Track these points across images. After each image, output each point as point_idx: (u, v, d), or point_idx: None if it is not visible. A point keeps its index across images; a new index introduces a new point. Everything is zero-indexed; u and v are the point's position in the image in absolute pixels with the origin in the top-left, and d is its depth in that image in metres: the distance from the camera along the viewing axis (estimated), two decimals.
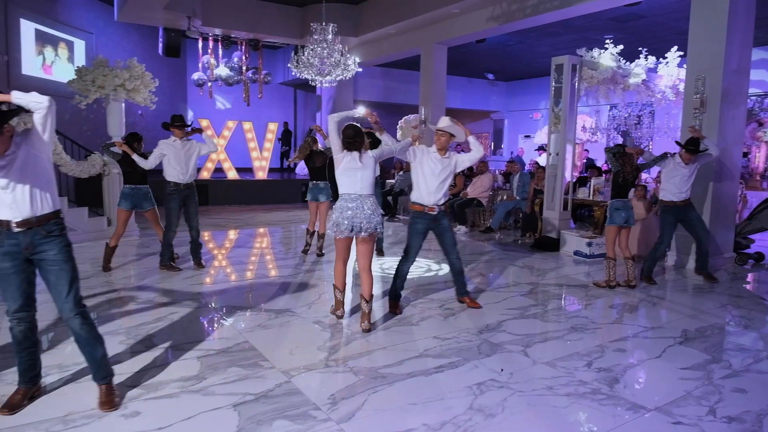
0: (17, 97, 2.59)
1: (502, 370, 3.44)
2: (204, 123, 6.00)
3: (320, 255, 6.93)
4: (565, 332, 4.23)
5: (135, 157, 5.62)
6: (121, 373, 3.26)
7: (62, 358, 3.49)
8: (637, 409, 2.95)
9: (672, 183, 5.77)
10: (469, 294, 4.87)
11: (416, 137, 4.57)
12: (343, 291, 4.37)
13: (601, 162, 13.66)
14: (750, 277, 6.29)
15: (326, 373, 3.36)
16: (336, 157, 4.13)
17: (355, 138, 4.09)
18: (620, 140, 14.28)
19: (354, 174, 4.07)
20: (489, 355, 3.69)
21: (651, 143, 11.73)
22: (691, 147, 5.65)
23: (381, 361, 3.56)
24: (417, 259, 6.89)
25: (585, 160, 12.68)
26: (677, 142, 5.97)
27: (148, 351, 3.67)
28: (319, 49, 9.74)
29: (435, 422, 2.76)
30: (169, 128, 5.76)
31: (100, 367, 2.90)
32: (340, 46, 9.93)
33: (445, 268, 6.36)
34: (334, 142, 4.11)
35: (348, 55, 10.09)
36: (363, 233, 4.03)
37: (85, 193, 8.94)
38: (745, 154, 11.52)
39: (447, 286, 5.46)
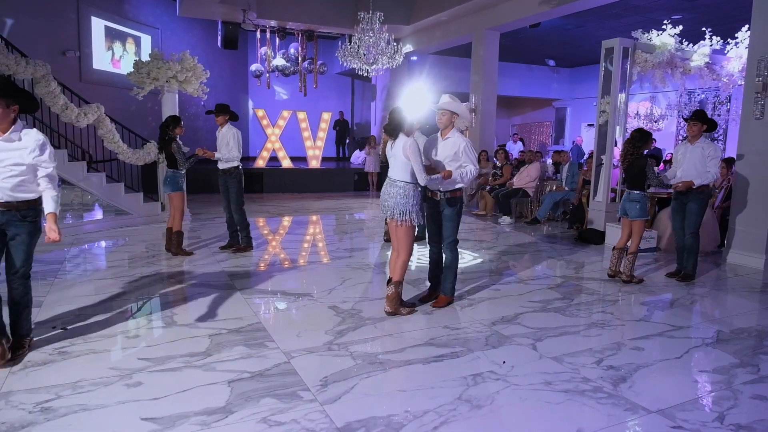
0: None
1: (504, 362, 3.36)
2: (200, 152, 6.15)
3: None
4: (583, 327, 4.06)
5: (216, 154, 6.11)
6: (134, 346, 3.50)
7: (88, 330, 3.76)
8: (637, 410, 2.79)
9: (681, 168, 5.45)
10: (445, 293, 4.44)
11: (447, 174, 4.15)
12: (391, 284, 4.11)
13: (668, 151, 12.85)
14: None
15: (325, 356, 3.42)
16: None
17: (390, 124, 4.08)
18: None
19: (391, 160, 4.14)
20: (495, 347, 3.61)
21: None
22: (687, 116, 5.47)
23: (383, 348, 3.58)
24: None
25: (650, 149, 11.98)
26: (683, 117, 5.81)
27: (166, 327, 3.88)
28: (366, 37, 9.77)
29: (417, 410, 2.75)
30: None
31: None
32: (387, 34, 9.91)
33: (467, 258, 6.29)
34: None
35: (394, 44, 10.05)
36: (389, 217, 4.11)
37: (151, 180, 9.51)
38: None
39: (471, 277, 5.38)
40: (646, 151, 5.31)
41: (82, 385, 2.94)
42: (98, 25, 11.18)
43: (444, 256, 4.42)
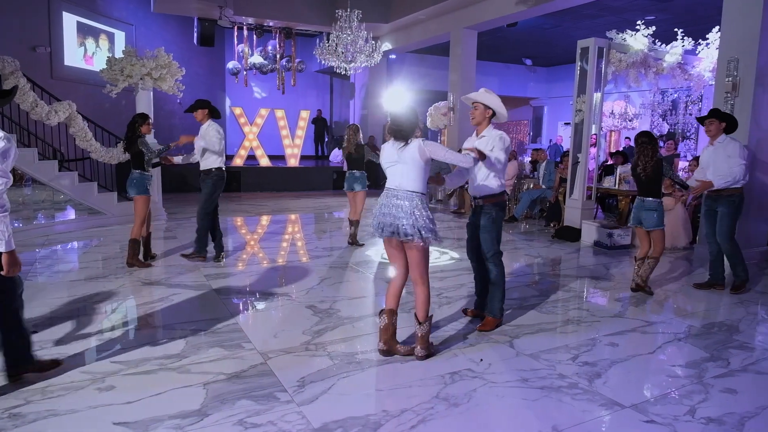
0: None
1: (481, 360, 3.38)
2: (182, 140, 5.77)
3: (353, 244, 6.70)
4: (560, 324, 4.11)
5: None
6: (107, 349, 3.42)
7: (60, 333, 3.67)
8: (611, 406, 2.83)
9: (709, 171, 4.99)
10: (491, 314, 3.98)
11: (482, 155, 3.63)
12: (388, 316, 3.37)
13: None
14: None
15: (303, 356, 3.40)
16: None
17: (402, 126, 3.32)
18: (665, 127, 13.63)
19: (397, 166, 3.33)
20: (473, 345, 3.63)
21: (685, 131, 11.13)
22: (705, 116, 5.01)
23: (361, 347, 3.57)
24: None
25: (624, 148, 12.19)
26: (698, 119, 5.28)
27: (141, 329, 3.82)
28: (344, 35, 9.74)
29: (395, 409, 2.75)
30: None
31: None
32: (365, 32, 9.89)
33: (445, 256, 6.30)
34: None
35: (372, 42, 10.03)
36: (396, 237, 3.28)
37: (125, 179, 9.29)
38: None
39: (449, 275, 5.39)
40: (626, 147, 5.25)
41: (52, 390, 2.87)
42: (70, 21, 10.92)
43: (489, 270, 3.93)
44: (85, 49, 11.47)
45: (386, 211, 3.27)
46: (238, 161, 12.79)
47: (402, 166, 3.28)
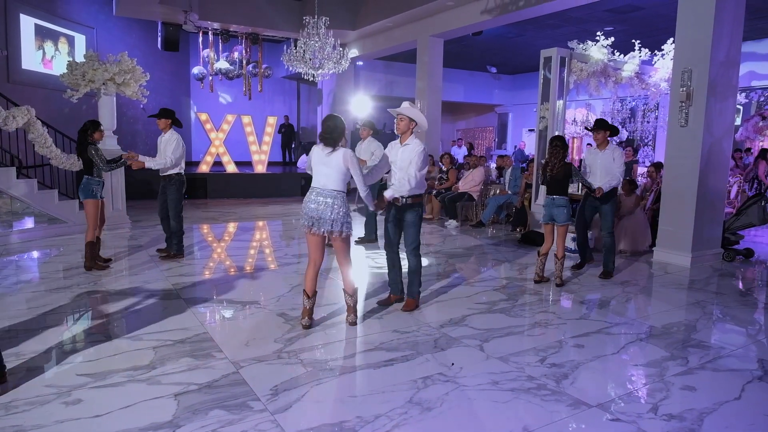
0: None
1: (452, 364, 3.44)
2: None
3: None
4: (527, 327, 4.21)
5: (146, 162, 5.88)
6: (73, 362, 3.34)
7: (21, 347, 3.56)
8: (578, 406, 2.93)
9: (596, 173, 5.68)
10: (412, 296, 4.54)
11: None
12: (311, 297, 4.02)
13: None
14: (735, 273, 6.18)
15: (275, 364, 3.39)
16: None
17: (332, 132, 3.91)
18: (625, 134, 14.09)
19: (320, 169, 3.90)
20: (444, 349, 3.68)
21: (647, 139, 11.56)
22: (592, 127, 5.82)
23: (333, 354, 3.58)
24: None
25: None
26: (587, 128, 6.03)
27: (106, 340, 3.73)
28: (311, 42, 9.74)
29: (369, 415, 2.77)
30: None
31: None
32: (333, 39, 9.92)
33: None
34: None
35: (340, 49, 10.07)
36: (324, 231, 3.85)
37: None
38: (748, 150, 11.30)
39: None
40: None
41: (17, 405, 2.79)
42: (27, 23, 10.58)
43: (408, 261, 4.45)
44: (44, 53, 11.12)
45: (314, 207, 3.84)
46: (204, 168, 12.59)
47: (328, 169, 3.86)
